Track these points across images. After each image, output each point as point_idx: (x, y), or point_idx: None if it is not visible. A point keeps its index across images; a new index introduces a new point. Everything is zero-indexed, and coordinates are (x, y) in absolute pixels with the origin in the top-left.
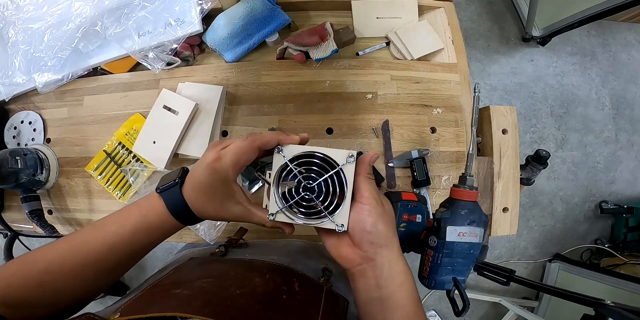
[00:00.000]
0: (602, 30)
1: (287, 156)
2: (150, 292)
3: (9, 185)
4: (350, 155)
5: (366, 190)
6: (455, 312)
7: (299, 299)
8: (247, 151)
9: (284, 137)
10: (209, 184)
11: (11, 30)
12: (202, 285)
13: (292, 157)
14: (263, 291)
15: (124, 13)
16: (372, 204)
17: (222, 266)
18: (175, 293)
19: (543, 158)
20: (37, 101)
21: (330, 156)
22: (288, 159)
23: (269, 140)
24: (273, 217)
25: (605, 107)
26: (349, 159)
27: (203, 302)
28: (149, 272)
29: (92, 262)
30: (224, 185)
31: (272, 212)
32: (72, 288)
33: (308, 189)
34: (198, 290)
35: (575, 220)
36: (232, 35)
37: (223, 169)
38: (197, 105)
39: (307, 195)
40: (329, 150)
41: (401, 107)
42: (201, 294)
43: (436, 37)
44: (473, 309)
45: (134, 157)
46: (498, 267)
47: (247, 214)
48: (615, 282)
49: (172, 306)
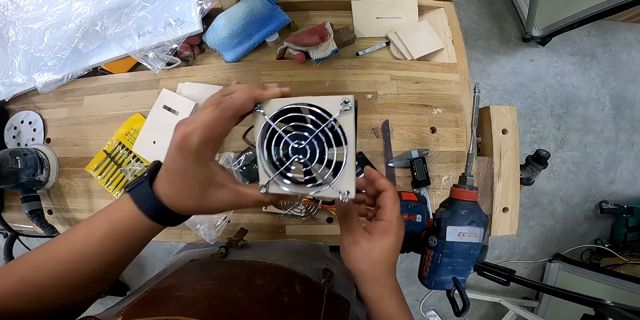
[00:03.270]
0: (602, 30)
1: (269, 114)
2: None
3: (9, 185)
4: (345, 101)
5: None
6: (455, 312)
7: (301, 300)
8: (219, 124)
9: (260, 93)
10: (181, 170)
11: (11, 30)
12: (204, 287)
13: (275, 113)
14: (265, 293)
15: (124, 13)
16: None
17: (223, 268)
18: (177, 296)
19: (543, 158)
20: (37, 101)
21: (320, 106)
22: (270, 118)
23: (243, 104)
24: (265, 189)
25: (605, 107)
26: (343, 107)
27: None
28: (149, 272)
29: (64, 273)
30: (200, 167)
31: (262, 183)
32: (52, 300)
33: (299, 151)
34: (200, 293)
35: (575, 220)
36: (232, 35)
37: (193, 148)
38: (197, 105)
39: (297, 159)
40: (318, 99)
41: (401, 107)
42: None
43: (436, 37)
44: (473, 309)
45: (134, 157)
46: (498, 267)
47: (236, 196)
48: (615, 282)
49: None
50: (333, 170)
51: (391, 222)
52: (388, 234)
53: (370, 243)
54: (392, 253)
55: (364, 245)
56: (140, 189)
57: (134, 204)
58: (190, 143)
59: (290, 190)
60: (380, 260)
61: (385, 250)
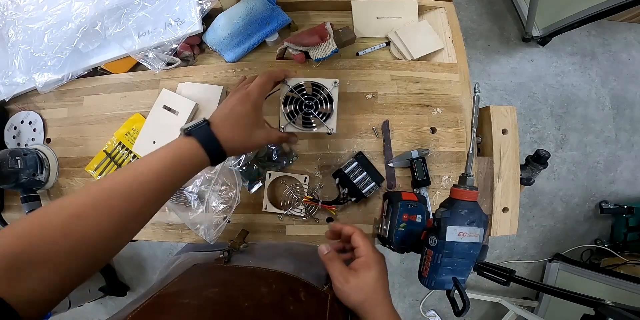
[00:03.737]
0: (602, 30)
1: (291, 85)
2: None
3: (9, 185)
4: (335, 82)
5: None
6: (455, 312)
7: (305, 308)
8: (267, 83)
9: (287, 72)
10: (245, 114)
11: (11, 30)
12: (209, 295)
13: (295, 85)
14: (270, 302)
15: (124, 13)
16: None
17: (227, 274)
18: (184, 303)
19: (543, 158)
20: (37, 101)
21: (321, 83)
22: (292, 86)
23: (279, 75)
24: (283, 129)
25: (605, 107)
26: (334, 85)
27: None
28: (149, 272)
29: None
30: (257, 111)
31: (282, 126)
32: (103, 233)
33: (308, 106)
34: (205, 301)
35: (575, 220)
36: (232, 35)
37: (254, 98)
38: (197, 105)
39: (308, 110)
40: (320, 79)
41: (401, 107)
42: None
43: (436, 37)
44: (473, 309)
45: (134, 157)
46: (498, 267)
47: (269, 132)
48: (615, 282)
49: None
50: (324, 118)
51: (368, 255)
52: (370, 266)
53: (358, 278)
54: (381, 282)
55: (353, 281)
56: (202, 131)
57: (199, 144)
58: (254, 96)
59: (297, 129)
60: (373, 290)
61: (373, 281)
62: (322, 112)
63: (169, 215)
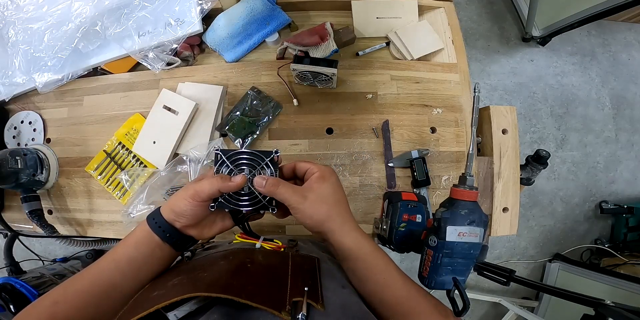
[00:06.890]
0: (602, 30)
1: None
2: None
3: (9, 185)
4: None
5: (319, 168)
6: (455, 312)
7: (265, 264)
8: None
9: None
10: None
11: (11, 30)
12: (175, 282)
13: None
14: (227, 268)
15: (124, 13)
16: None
17: (189, 265)
18: (153, 295)
19: (543, 158)
20: (37, 101)
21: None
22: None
23: (214, 193)
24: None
25: (605, 107)
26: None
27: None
28: None
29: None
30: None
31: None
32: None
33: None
34: (171, 287)
35: (575, 220)
36: (232, 35)
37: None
38: (197, 105)
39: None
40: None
41: (401, 107)
42: (175, 288)
43: (436, 37)
44: (473, 309)
45: (134, 157)
46: (498, 267)
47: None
48: (615, 282)
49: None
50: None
51: (320, 169)
52: (326, 178)
53: (316, 191)
54: (339, 193)
55: (312, 196)
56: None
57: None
58: (201, 195)
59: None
60: (334, 201)
61: (332, 191)
62: None
63: None
